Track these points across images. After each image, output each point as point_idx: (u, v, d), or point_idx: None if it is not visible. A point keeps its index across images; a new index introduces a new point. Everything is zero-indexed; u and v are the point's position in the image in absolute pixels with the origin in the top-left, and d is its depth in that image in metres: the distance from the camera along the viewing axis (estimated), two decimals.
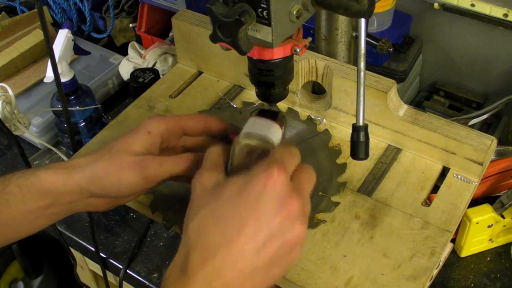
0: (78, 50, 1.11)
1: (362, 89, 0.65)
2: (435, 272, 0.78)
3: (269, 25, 0.55)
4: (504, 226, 0.81)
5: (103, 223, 0.92)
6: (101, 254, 0.88)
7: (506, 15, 0.95)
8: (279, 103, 0.86)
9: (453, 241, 0.83)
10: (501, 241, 0.84)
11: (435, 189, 0.78)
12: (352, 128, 0.67)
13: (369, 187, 0.78)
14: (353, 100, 0.83)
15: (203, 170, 0.54)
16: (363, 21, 0.63)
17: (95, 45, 1.26)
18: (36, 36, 1.20)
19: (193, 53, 0.97)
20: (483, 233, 0.81)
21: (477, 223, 0.78)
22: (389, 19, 1.06)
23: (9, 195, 0.57)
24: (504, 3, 0.95)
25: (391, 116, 0.81)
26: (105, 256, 0.88)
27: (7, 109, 0.93)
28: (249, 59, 0.63)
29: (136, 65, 1.14)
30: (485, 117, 1.00)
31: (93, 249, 0.88)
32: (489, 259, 0.83)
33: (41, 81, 1.13)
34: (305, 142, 0.85)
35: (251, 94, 0.94)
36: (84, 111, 0.98)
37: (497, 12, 0.96)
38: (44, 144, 1.00)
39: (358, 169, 0.81)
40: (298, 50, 0.60)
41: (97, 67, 1.18)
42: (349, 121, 0.84)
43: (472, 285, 0.80)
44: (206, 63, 0.97)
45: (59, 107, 0.95)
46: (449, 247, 0.83)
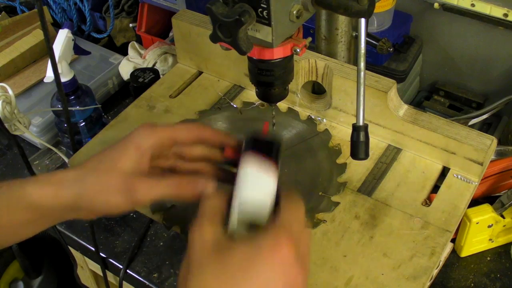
0: (78, 50, 1.11)
1: (362, 89, 0.65)
2: (435, 272, 0.78)
3: (269, 25, 0.55)
4: (504, 226, 0.81)
5: (103, 223, 0.92)
6: (101, 254, 0.88)
7: (506, 15, 0.95)
8: (279, 103, 0.86)
9: (453, 241, 0.83)
10: (501, 241, 0.84)
11: (435, 189, 0.78)
12: (352, 128, 0.67)
13: (369, 187, 0.78)
14: (353, 100, 0.83)
15: (202, 223, 0.51)
16: (363, 21, 0.63)
17: (95, 45, 1.26)
18: (36, 36, 1.20)
19: (193, 53, 0.97)
20: (483, 233, 0.81)
21: (477, 223, 0.78)
22: (389, 19, 1.06)
23: None
24: (504, 3, 0.95)
25: (391, 116, 0.81)
26: (105, 256, 0.88)
27: (7, 109, 0.93)
28: (249, 59, 0.63)
29: (136, 65, 1.14)
30: (485, 117, 1.00)
31: (93, 249, 0.88)
32: (489, 259, 0.83)
33: (41, 81, 1.13)
34: (305, 142, 0.85)
35: (251, 94, 0.94)
36: (84, 111, 0.98)
37: (497, 12, 0.96)
38: (44, 144, 1.00)
39: (358, 169, 0.81)
40: (298, 50, 0.60)
41: (97, 67, 1.18)
42: (349, 121, 0.84)
43: (472, 285, 0.80)
44: (206, 63, 0.97)
45: (59, 107, 0.95)
46: (449, 247, 0.83)
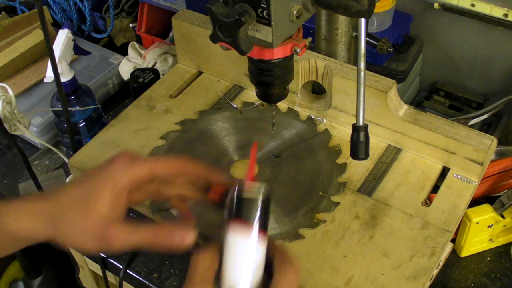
0: (78, 50, 1.11)
1: (362, 89, 0.65)
2: (435, 272, 0.78)
3: (269, 25, 0.55)
4: (504, 226, 0.81)
5: None
6: (101, 254, 0.88)
7: (506, 15, 0.95)
8: (279, 103, 0.86)
9: (453, 241, 0.82)
10: (501, 241, 0.84)
11: (435, 189, 0.78)
12: (352, 128, 0.67)
13: (369, 187, 0.78)
14: (353, 100, 0.83)
15: (194, 285, 0.50)
16: (363, 21, 0.63)
17: (95, 45, 1.26)
18: (36, 36, 1.20)
19: (193, 53, 0.97)
20: (483, 233, 0.81)
21: (477, 223, 0.78)
22: (389, 19, 1.06)
23: None
24: (504, 3, 0.95)
25: (391, 116, 0.81)
26: (105, 256, 0.88)
27: (7, 109, 0.93)
28: (249, 59, 0.63)
29: (136, 65, 1.14)
30: (485, 117, 1.00)
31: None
32: (489, 259, 0.83)
33: (41, 81, 1.13)
34: (305, 142, 0.85)
35: (251, 94, 0.94)
36: (84, 111, 0.98)
37: (497, 12, 0.96)
38: (44, 144, 1.00)
39: (358, 169, 0.81)
40: (298, 50, 0.60)
41: (97, 67, 1.18)
42: (349, 121, 0.84)
43: (472, 285, 0.80)
44: (206, 63, 0.97)
45: (59, 107, 0.95)
46: (449, 247, 0.83)
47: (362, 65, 0.64)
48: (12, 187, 0.99)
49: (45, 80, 0.90)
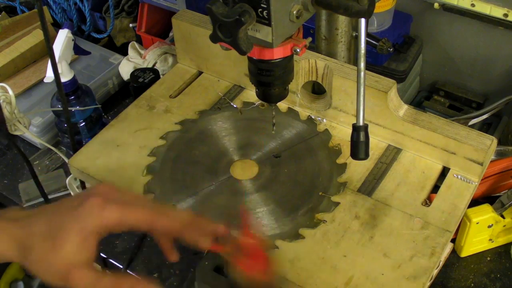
0: (78, 50, 1.11)
1: (362, 89, 0.65)
2: (435, 272, 0.78)
3: (269, 25, 0.55)
4: (504, 226, 0.81)
5: None
6: (101, 254, 0.88)
7: (506, 15, 0.95)
8: (279, 103, 0.86)
9: (453, 241, 0.82)
10: (501, 241, 0.84)
11: (435, 189, 0.78)
12: (352, 128, 0.67)
13: (369, 187, 0.78)
14: (353, 100, 0.83)
15: None
16: (363, 21, 0.63)
17: (95, 45, 1.26)
18: (36, 36, 1.20)
19: (193, 53, 0.97)
20: (483, 233, 0.81)
21: (477, 223, 0.78)
22: (389, 19, 1.06)
23: None
24: (504, 3, 0.95)
25: (391, 116, 0.81)
26: (105, 256, 0.88)
27: (7, 109, 0.93)
28: (249, 59, 0.63)
29: (136, 65, 1.14)
30: (485, 117, 1.00)
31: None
32: (489, 259, 0.83)
33: (41, 81, 1.13)
34: (305, 142, 0.85)
35: (251, 94, 0.94)
36: (84, 111, 0.98)
37: (497, 12, 0.96)
38: (44, 144, 1.00)
39: (358, 169, 0.81)
40: (298, 50, 0.60)
41: (97, 67, 1.18)
42: (349, 121, 0.84)
43: (472, 285, 0.80)
44: (206, 63, 0.97)
45: (59, 107, 0.95)
46: (449, 247, 0.83)
47: (362, 65, 0.64)
48: (12, 187, 0.99)
49: (45, 80, 0.90)
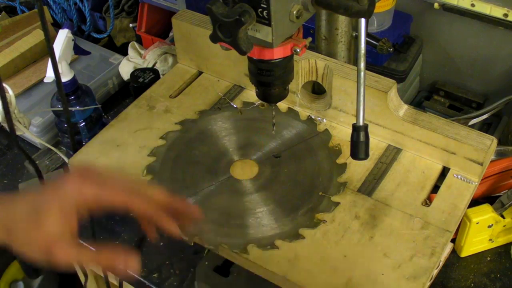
0: (78, 50, 1.11)
1: (362, 89, 0.65)
2: (435, 272, 0.78)
3: (269, 25, 0.55)
4: (504, 226, 0.81)
5: (103, 223, 0.92)
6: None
7: (506, 15, 0.95)
8: (279, 103, 0.86)
9: (453, 241, 0.82)
10: (501, 241, 0.84)
11: (435, 189, 0.78)
12: (352, 128, 0.67)
13: (369, 187, 0.78)
14: (353, 100, 0.83)
15: None
16: (363, 21, 0.63)
17: (95, 45, 1.26)
18: (36, 36, 1.20)
19: (193, 53, 0.97)
20: (483, 233, 0.81)
21: (477, 223, 0.78)
22: (389, 19, 1.06)
23: None
24: (504, 3, 0.95)
25: (391, 116, 0.81)
26: None
27: None
28: (249, 59, 0.63)
29: (136, 65, 1.14)
30: (485, 117, 1.00)
31: (93, 249, 0.88)
32: (489, 259, 0.83)
33: (41, 81, 1.13)
34: (305, 142, 0.85)
35: (251, 94, 0.94)
36: (84, 111, 0.98)
37: (497, 12, 0.96)
38: (44, 144, 1.00)
39: (358, 169, 0.81)
40: (298, 50, 0.60)
41: (97, 67, 1.18)
42: (349, 121, 0.84)
43: (472, 285, 0.80)
44: (206, 63, 0.97)
45: (59, 107, 0.95)
46: (449, 247, 0.83)
47: (362, 65, 0.64)
48: (12, 187, 0.99)
49: (45, 80, 0.90)
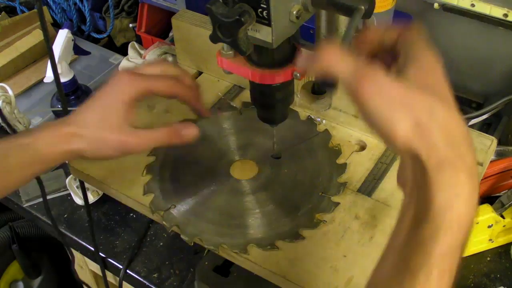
0: (78, 50, 1.11)
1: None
2: None
3: (269, 25, 0.55)
4: (504, 226, 0.81)
5: (103, 223, 0.92)
6: (101, 254, 0.88)
7: (506, 15, 0.95)
8: None
9: None
10: (501, 241, 0.84)
11: None
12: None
13: (369, 187, 0.78)
14: None
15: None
16: (357, 17, 0.61)
17: (95, 45, 1.26)
18: (36, 36, 1.20)
19: (193, 53, 0.97)
20: (483, 233, 0.81)
21: (477, 223, 0.78)
22: (389, 19, 1.06)
23: (10, 163, 0.64)
24: (504, 3, 0.95)
25: None
26: (105, 256, 0.88)
27: (7, 109, 0.93)
28: (251, 82, 0.63)
29: (136, 65, 1.14)
30: (485, 117, 1.00)
31: (93, 249, 0.88)
32: (489, 259, 0.83)
33: (41, 81, 1.13)
34: (305, 142, 0.85)
35: None
36: None
37: (497, 12, 0.96)
38: None
39: (358, 169, 0.81)
40: (299, 75, 0.60)
41: (97, 67, 1.18)
42: (349, 121, 0.84)
43: (472, 285, 0.80)
44: (206, 63, 0.97)
45: (59, 107, 0.95)
46: None
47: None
48: None
49: (45, 80, 0.90)
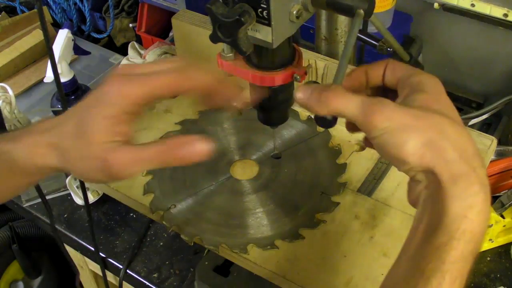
0: (78, 50, 1.11)
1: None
2: None
3: (269, 25, 0.55)
4: (504, 226, 0.81)
5: (103, 223, 0.92)
6: (101, 254, 0.88)
7: (506, 15, 0.95)
8: None
9: None
10: (501, 241, 0.84)
11: None
12: None
13: (369, 187, 0.78)
14: None
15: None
16: (358, 20, 0.62)
17: (95, 45, 1.26)
18: (36, 36, 1.20)
19: (193, 53, 0.97)
20: None
21: None
22: (389, 19, 1.06)
23: None
24: (504, 3, 0.95)
25: None
26: (105, 256, 0.88)
27: (7, 109, 0.93)
28: (251, 84, 0.64)
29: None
30: (485, 117, 1.00)
31: (93, 249, 0.88)
32: (489, 259, 0.83)
33: (41, 81, 1.13)
34: (305, 142, 0.85)
35: None
36: None
37: (497, 12, 0.96)
38: None
39: (358, 169, 0.81)
40: (299, 78, 0.60)
41: (97, 67, 1.18)
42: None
43: (472, 285, 0.80)
44: (206, 63, 0.97)
45: (59, 107, 0.95)
46: None
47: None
48: None
49: (45, 80, 0.90)
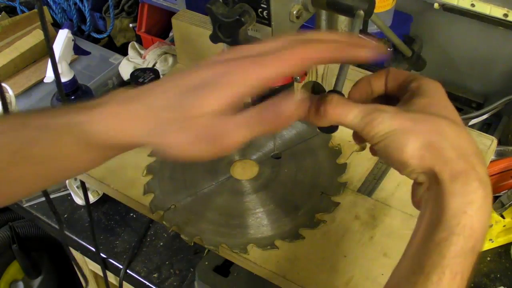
0: (78, 50, 1.11)
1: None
2: None
3: (269, 25, 0.55)
4: (504, 226, 0.81)
5: (103, 223, 0.92)
6: (101, 254, 0.88)
7: (506, 15, 0.95)
8: None
9: None
10: (501, 241, 0.84)
11: None
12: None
13: (369, 187, 0.78)
14: None
15: None
16: (358, 20, 0.62)
17: (95, 45, 1.26)
18: (36, 36, 1.20)
19: (193, 53, 0.97)
20: None
21: None
22: (389, 19, 1.06)
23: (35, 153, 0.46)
24: (504, 3, 0.95)
25: None
26: (105, 256, 0.88)
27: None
28: None
29: (136, 65, 1.14)
30: (485, 117, 1.00)
31: (93, 249, 0.88)
32: (489, 259, 0.83)
33: (41, 81, 1.13)
34: (305, 142, 0.85)
35: None
36: None
37: (497, 12, 0.96)
38: None
39: (358, 169, 0.81)
40: (299, 78, 0.60)
41: (97, 67, 1.18)
42: None
43: (472, 285, 0.80)
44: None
45: None
46: None
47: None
48: None
49: (45, 80, 0.90)
